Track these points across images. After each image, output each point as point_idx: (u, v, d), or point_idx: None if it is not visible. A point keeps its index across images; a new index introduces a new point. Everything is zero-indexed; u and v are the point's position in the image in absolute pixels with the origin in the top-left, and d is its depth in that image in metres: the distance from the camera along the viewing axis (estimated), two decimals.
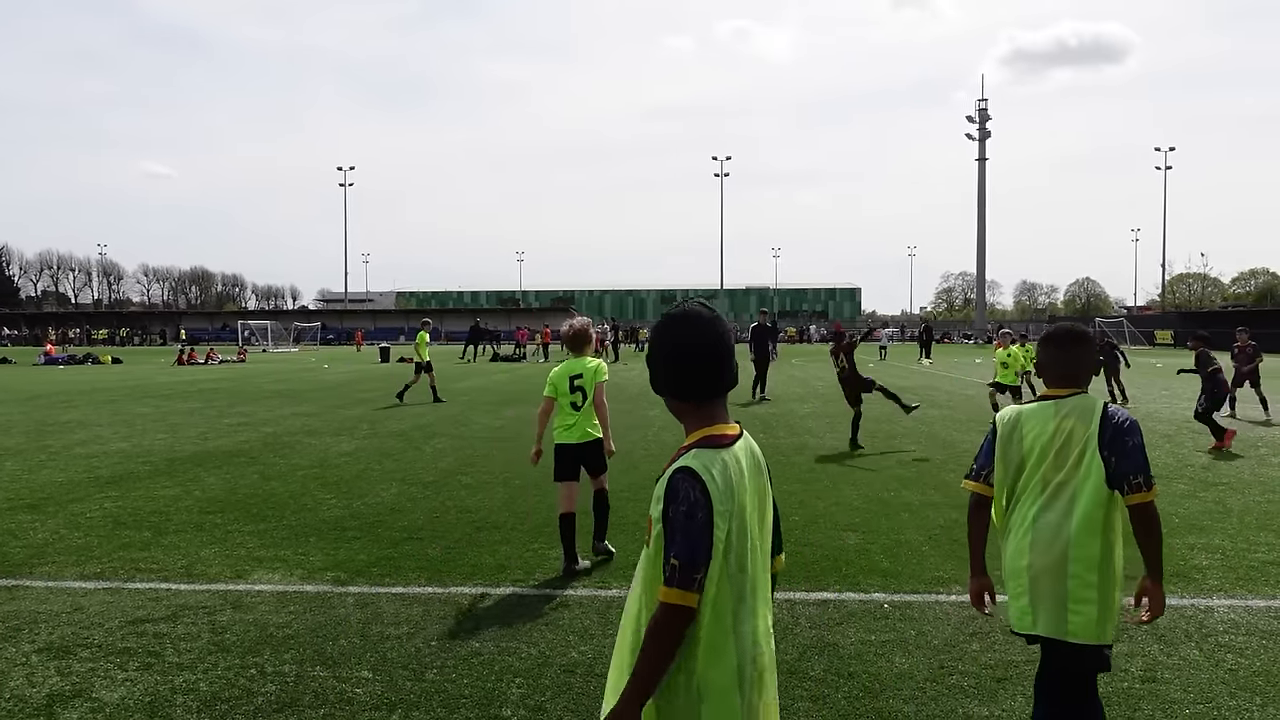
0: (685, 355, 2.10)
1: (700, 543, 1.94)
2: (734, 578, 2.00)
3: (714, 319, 2.14)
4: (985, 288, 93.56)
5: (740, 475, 2.04)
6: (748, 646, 2.01)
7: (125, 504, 8.35)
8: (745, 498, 2.03)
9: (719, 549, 1.96)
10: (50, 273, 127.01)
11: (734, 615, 1.99)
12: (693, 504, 1.94)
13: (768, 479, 2.18)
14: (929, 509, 7.99)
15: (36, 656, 4.55)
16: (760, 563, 2.09)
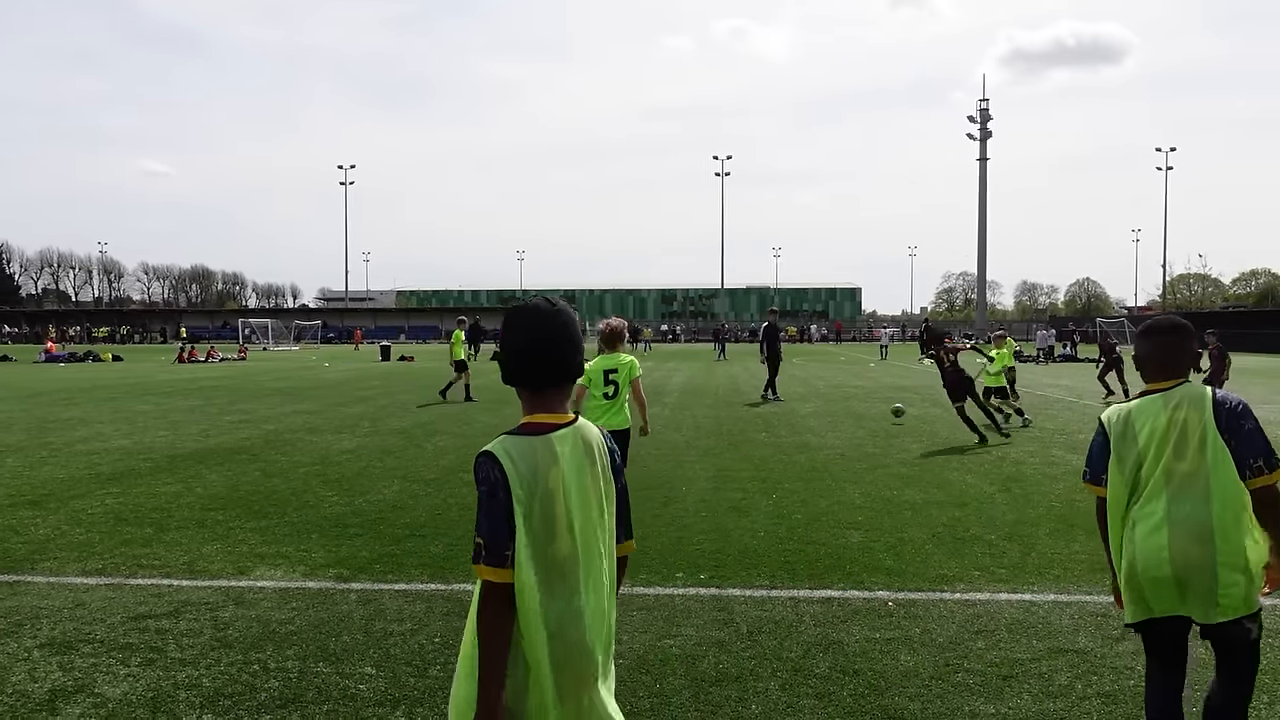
0: (519, 346, 2.23)
1: (501, 522, 2.06)
2: (539, 557, 2.09)
3: (553, 313, 2.24)
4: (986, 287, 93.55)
5: (552, 462, 2.14)
6: (560, 623, 2.09)
7: (127, 500, 8.34)
8: (557, 482, 2.13)
9: (523, 528, 2.08)
10: (51, 270, 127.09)
11: (542, 592, 2.08)
12: (493, 484, 2.08)
13: (608, 466, 2.26)
14: (932, 507, 7.98)
15: (39, 652, 4.54)
16: (587, 545, 2.16)
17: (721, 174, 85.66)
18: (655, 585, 5.66)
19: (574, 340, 2.27)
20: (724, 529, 7.15)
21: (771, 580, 5.75)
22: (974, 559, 6.25)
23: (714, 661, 4.41)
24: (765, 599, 5.38)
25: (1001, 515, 7.65)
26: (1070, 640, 4.67)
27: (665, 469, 10.05)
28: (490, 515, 2.07)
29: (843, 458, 10.89)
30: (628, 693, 4.04)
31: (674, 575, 5.87)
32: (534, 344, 2.22)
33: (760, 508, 7.96)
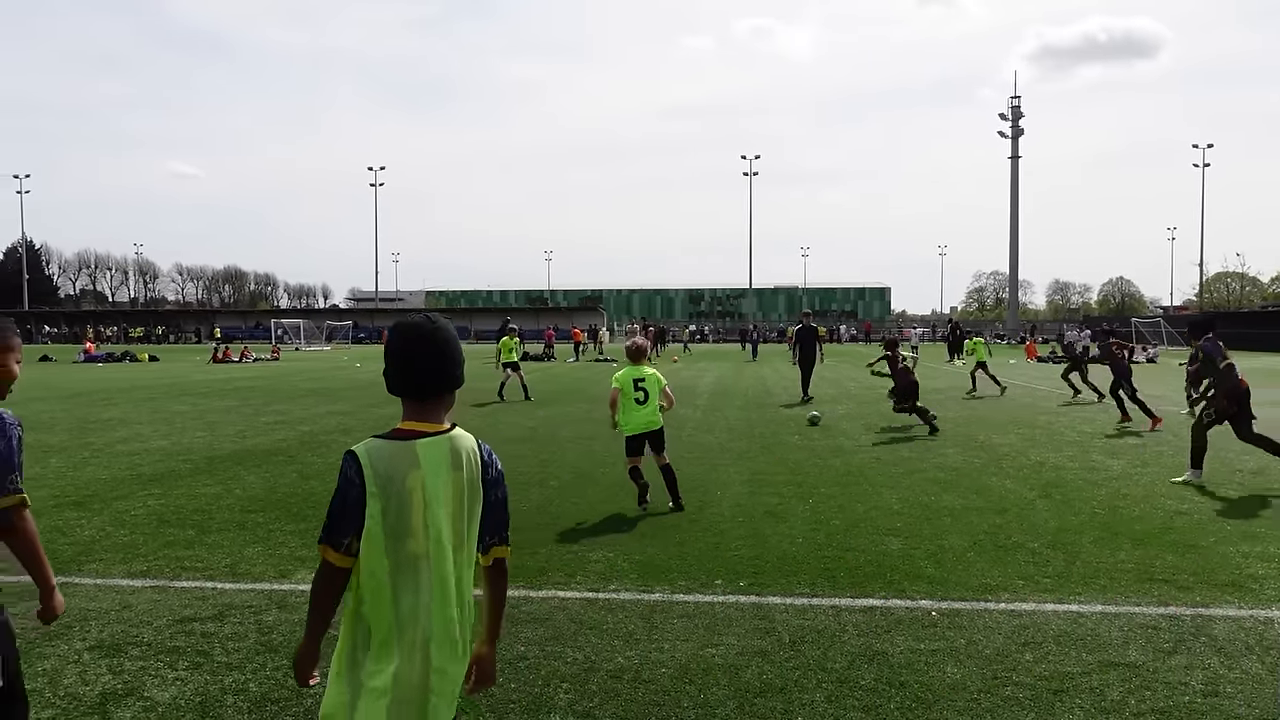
0: (391, 359, 2.41)
1: (350, 513, 2.28)
2: (392, 550, 2.29)
3: (432, 330, 2.41)
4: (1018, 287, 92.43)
5: (411, 466, 2.32)
6: (410, 614, 2.29)
7: (168, 502, 8.45)
8: (415, 484, 2.31)
9: (376, 523, 2.28)
10: (88, 272, 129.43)
11: (393, 584, 2.29)
12: (348, 480, 2.29)
13: (476, 475, 2.42)
14: (971, 513, 7.87)
15: (88, 654, 4.60)
16: (439, 545, 2.33)
17: (750, 173, 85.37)
18: (695, 592, 5.63)
19: (450, 355, 2.43)
20: (761, 535, 7.10)
21: (812, 588, 5.70)
22: (1017, 567, 6.15)
23: (758, 671, 4.37)
24: (806, 607, 5.33)
25: (1043, 522, 7.53)
26: (1120, 653, 4.58)
27: (699, 472, 10.01)
28: (339, 504, 2.29)
29: (878, 461, 10.79)
30: (671, 702, 4.02)
31: (713, 582, 5.84)
32: (412, 358, 2.39)
33: (797, 513, 7.90)
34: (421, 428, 2.39)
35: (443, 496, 2.35)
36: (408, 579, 2.30)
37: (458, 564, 2.38)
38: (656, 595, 5.57)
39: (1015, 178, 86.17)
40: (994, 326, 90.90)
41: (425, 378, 2.40)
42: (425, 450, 2.35)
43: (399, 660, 2.28)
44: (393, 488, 2.29)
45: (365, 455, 2.31)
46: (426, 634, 2.30)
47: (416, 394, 2.41)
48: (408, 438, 2.36)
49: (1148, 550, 6.59)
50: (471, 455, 2.43)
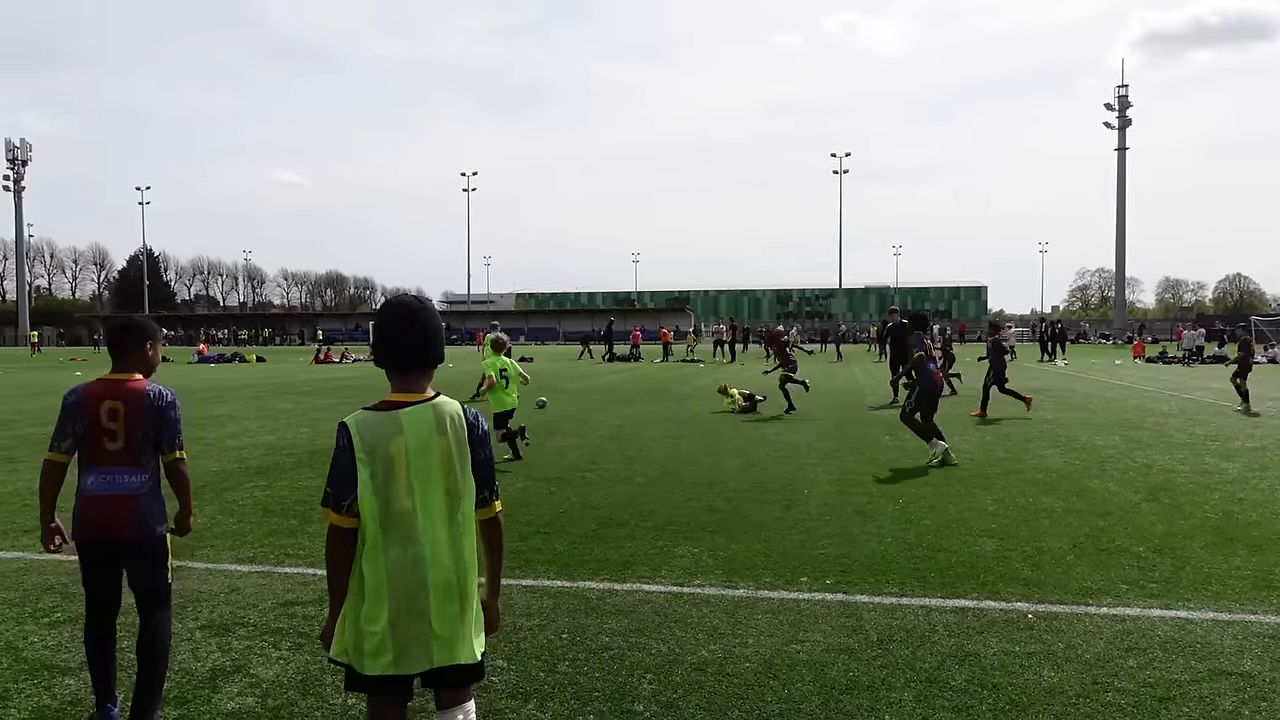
0: (379, 334, 2.64)
1: (343, 477, 2.53)
2: (382, 511, 2.53)
3: (417, 308, 2.65)
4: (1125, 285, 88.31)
5: (395, 433, 2.55)
6: (400, 566, 2.53)
7: (273, 493, 8.85)
8: (399, 450, 2.54)
9: (369, 486, 2.52)
10: (201, 277, 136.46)
11: (384, 539, 2.53)
12: (341, 448, 2.56)
13: (463, 438, 2.63)
14: (1072, 516, 7.57)
15: (200, 633, 4.86)
16: (427, 503, 2.57)
17: (840, 171, 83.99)
18: (780, 589, 5.58)
19: (431, 333, 2.65)
20: (849, 533, 6.99)
21: (901, 588, 5.58)
22: (1120, 572, 5.89)
23: (844, 669, 4.31)
24: (895, 607, 5.23)
25: (1149, 526, 7.19)
26: (1234, 662, 4.34)
27: (786, 471, 9.91)
28: (337, 471, 2.56)
29: (972, 462, 10.47)
30: (755, 696, 4.01)
31: (798, 579, 5.78)
32: (395, 333, 2.62)
33: (886, 513, 7.75)
34: (405, 398, 2.62)
35: (428, 458, 2.58)
36: (396, 535, 2.54)
37: (451, 519, 2.61)
38: (741, 591, 5.55)
39: (1122, 170, 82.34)
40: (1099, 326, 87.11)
41: (408, 352, 2.63)
42: (409, 418, 2.58)
43: (392, 607, 2.52)
44: (378, 453, 2.54)
45: (354, 425, 2.57)
46: (419, 582, 2.54)
47: (400, 367, 2.64)
48: (392, 408, 2.60)
49: (1266, 557, 6.22)
50: (456, 419, 2.64)
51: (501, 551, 2.81)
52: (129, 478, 3.69)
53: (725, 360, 39.07)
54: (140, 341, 3.89)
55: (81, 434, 3.68)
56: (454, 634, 2.59)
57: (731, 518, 7.60)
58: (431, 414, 2.61)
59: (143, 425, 3.74)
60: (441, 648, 2.58)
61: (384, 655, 2.53)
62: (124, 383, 3.78)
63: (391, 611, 2.52)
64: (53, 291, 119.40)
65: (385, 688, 2.59)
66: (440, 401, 2.65)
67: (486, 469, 2.71)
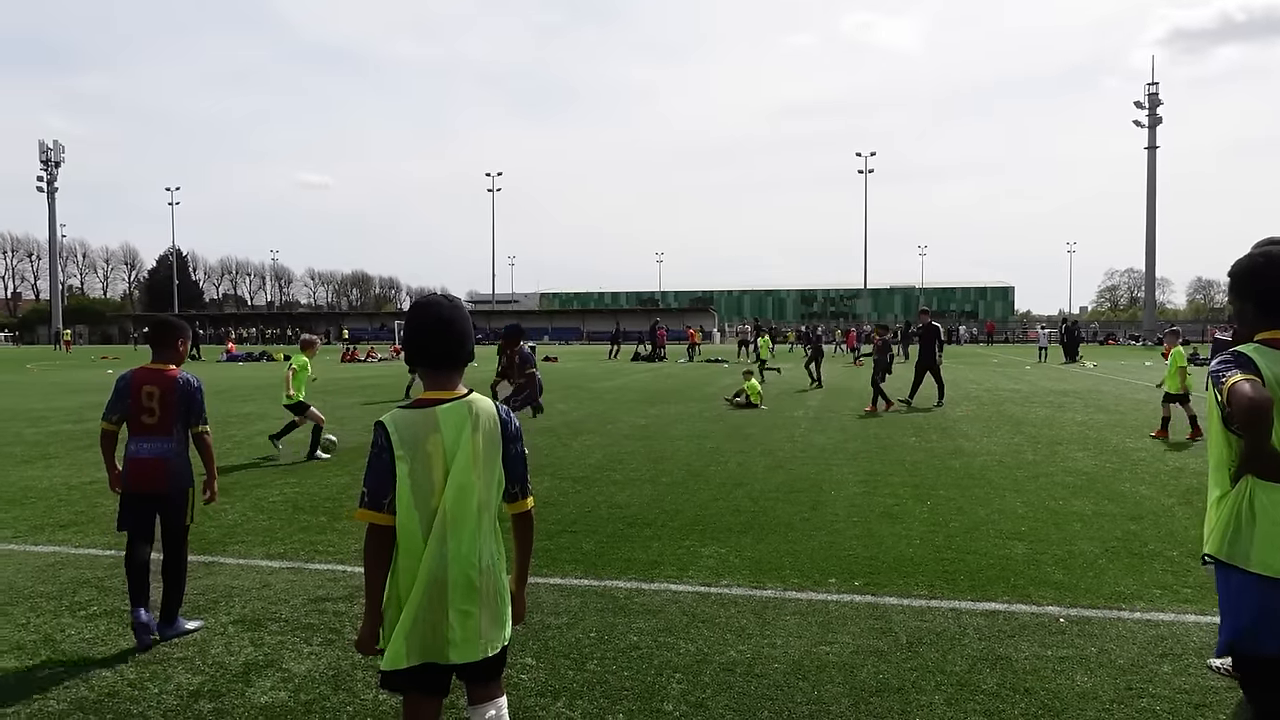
0: (410, 334, 2.67)
1: (383, 475, 2.56)
2: (419, 506, 2.56)
3: (448, 308, 2.67)
4: (1155, 285, 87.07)
5: (431, 430, 2.58)
6: (433, 561, 2.55)
7: (302, 490, 8.94)
8: (436, 447, 2.57)
9: (406, 483, 2.55)
10: (230, 277, 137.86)
11: (421, 534, 2.56)
12: (379, 447, 2.58)
13: (496, 434, 2.67)
14: (1103, 519, 7.48)
15: (233, 627, 4.92)
16: (463, 500, 2.59)
17: (865, 170, 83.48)
18: (808, 590, 5.56)
19: (461, 332, 2.67)
20: (876, 535, 6.95)
21: (930, 590, 5.54)
22: (1154, 576, 5.82)
23: (873, 671, 4.29)
24: (925, 609, 5.19)
25: (1183, 530, 7.09)
26: None
27: (812, 472, 9.87)
28: (375, 470, 2.58)
29: (1000, 464, 10.38)
30: (784, 697, 3.99)
31: (826, 581, 5.76)
32: (426, 333, 2.64)
33: (914, 514, 7.70)
34: (439, 396, 2.65)
35: (462, 455, 2.60)
36: (433, 529, 2.56)
37: (481, 516, 2.63)
38: (769, 592, 5.53)
39: (1152, 169, 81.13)
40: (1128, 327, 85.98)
41: (445, 351, 2.65)
42: (444, 415, 2.61)
43: (421, 602, 2.54)
44: (416, 450, 2.56)
45: (391, 424, 2.59)
46: (447, 578, 2.56)
47: (434, 365, 2.66)
48: (428, 405, 2.62)
49: None
50: (490, 416, 2.68)
51: (530, 546, 2.85)
52: (162, 445, 4.76)
53: (751, 360, 38.94)
54: (174, 338, 4.95)
55: (127, 410, 4.77)
56: (474, 630, 2.60)
57: (758, 518, 7.58)
58: (466, 411, 2.64)
59: (175, 405, 4.78)
60: (461, 643, 2.58)
61: (400, 648, 2.55)
62: (161, 371, 4.84)
63: (417, 605, 2.55)
64: (85, 291, 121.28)
65: (416, 683, 2.60)
66: (474, 399, 2.68)
67: (518, 465, 2.74)
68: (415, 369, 2.69)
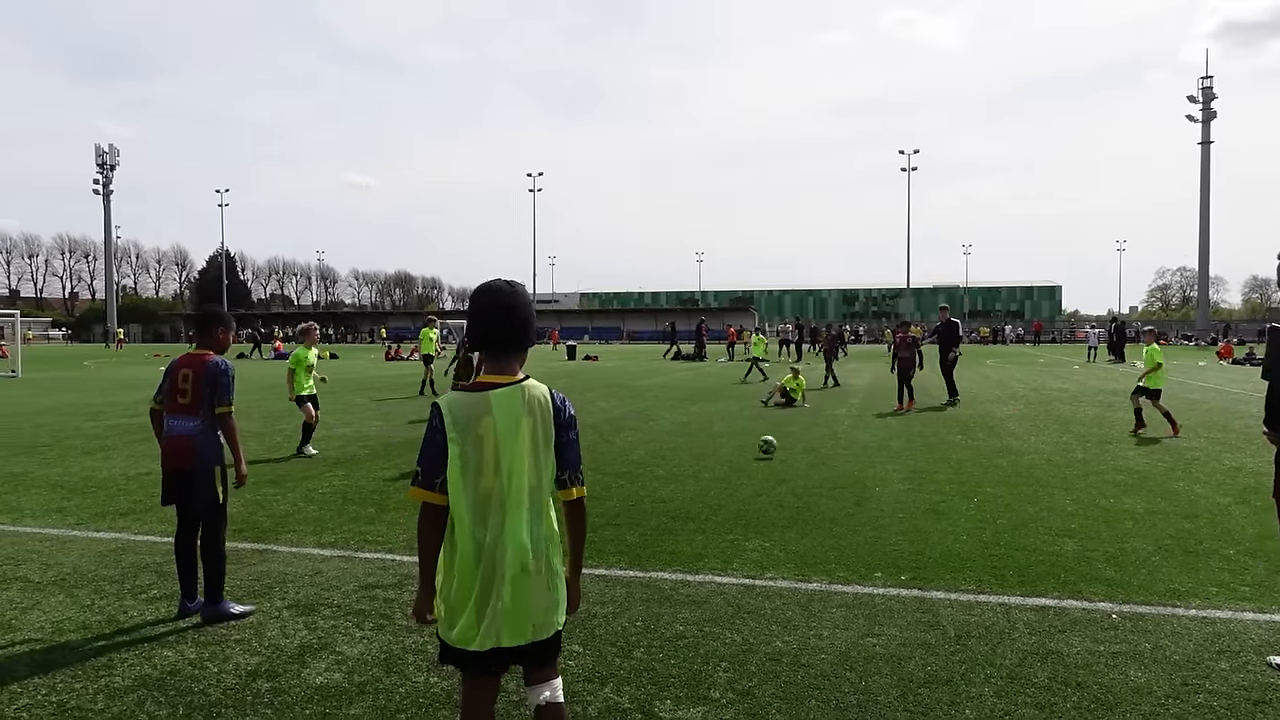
0: (474, 318, 2.69)
1: (435, 455, 2.61)
2: (470, 489, 2.60)
3: (510, 293, 2.70)
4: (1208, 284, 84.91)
5: (485, 413, 2.62)
6: (487, 541, 2.59)
7: (351, 482, 9.10)
8: (488, 430, 2.61)
9: (455, 464, 2.59)
10: (277, 277, 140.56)
11: (471, 516, 2.60)
12: (434, 429, 2.63)
13: (550, 420, 2.69)
14: (1156, 517, 7.34)
15: (287, 612, 5.04)
16: (514, 483, 2.62)
17: (908, 169, 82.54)
18: (853, 584, 5.54)
19: (523, 317, 2.71)
20: (922, 531, 6.89)
21: (978, 585, 5.49)
22: (1210, 574, 5.70)
23: (921, 663, 4.26)
24: (973, 604, 5.14)
25: (1240, 529, 6.93)
26: None
27: (855, 469, 9.81)
28: (428, 450, 2.63)
29: (1049, 463, 10.22)
30: (831, 687, 3.99)
31: (872, 574, 5.73)
32: (489, 317, 2.68)
33: (960, 511, 7.62)
34: (496, 379, 2.68)
35: (516, 438, 2.63)
36: (483, 511, 2.60)
37: (534, 499, 2.66)
38: (814, 585, 5.52)
39: (1206, 164, 79.11)
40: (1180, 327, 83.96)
41: (505, 336, 2.69)
42: (498, 399, 2.64)
43: (476, 584, 2.59)
44: (468, 432, 2.60)
45: (445, 405, 2.63)
46: (500, 560, 2.59)
47: (495, 349, 2.69)
48: (483, 389, 2.66)
49: None
50: (544, 401, 2.70)
51: (583, 534, 2.85)
52: (190, 424, 5.00)
53: (793, 360, 38.72)
54: (214, 326, 5.28)
55: (166, 390, 5.12)
56: (530, 612, 2.63)
57: (802, 513, 7.56)
58: (520, 395, 2.66)
59: (203, 386, 5.01)
60: (517, 626, 2.61)
61: (466, 631, 2.59)
62: (199, 357, 5.11)
63: (476, 588, 2.58)
64: (138, 291, 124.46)
65: (475, 662, 2.65)
66: (529, 384, 2.69)
67: (570, 452, 2.74)
68: (475, 352, 2.73)
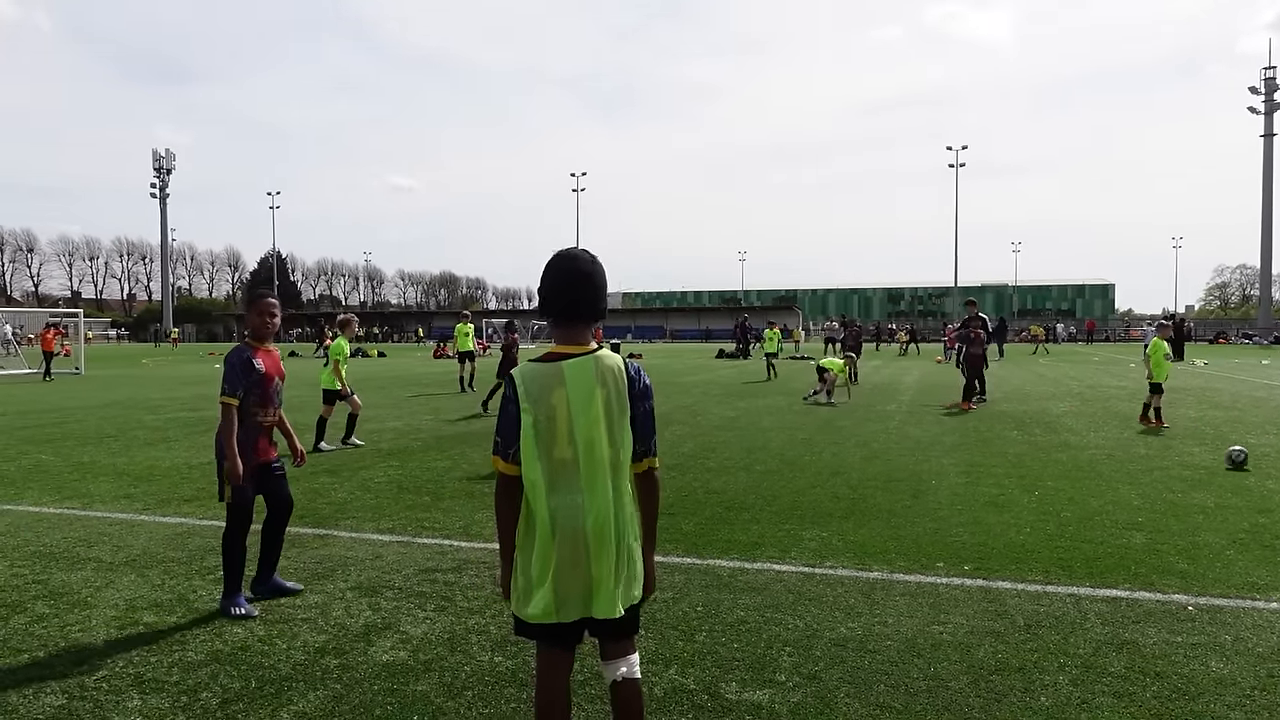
0: (547, 286, 2.66)
1: (509, 426, 2.60)
2: (545, 458, 2.57)
3: (586, 260, 2.67)
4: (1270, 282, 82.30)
5: (558, 384, 2.57)
6: (561, 514, 2.56)
7: (405, 472, 9.20)
8: (560, 400, 2.57)
9: (529, 434, 2.57)
10: (325, 278, 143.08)
11: (546, 486, 2.57)
12: (508, 399, 2.61)
13: (624, 391, 2.64)
14: (1227, 512, 7.12)
15: (350, 593, 5.10)
16: (590, 452, 2.58)
17: (956, 165, 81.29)
18: (915, 573, 5.45)
19: (597, 286, 2.66)
20: (983, 523, 6.76)
21: (1046, 576, 5.37)
22: None
23: (991, 650, 4.18)
24: (1040, 594, 5.03)
25: None
26: None
27: (910, 462, 9.66)
28: (504, 421, 2.62)
29: (1110, 458, 9.97)
30: (900, 672, 3.92)
31: (934, 564, 5.63)
32: (563, 286, 2.63)
33: (1021, 504, 7.46)
34: (568, 350, 2.63)
35: (589, 409, 2.59)
36: (558, 483, 2.57)
37: (613, 469, 2.62)
38: (875, 574, 5.44)
39: (1269, 158, 76.66)
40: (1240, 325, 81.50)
41: (574, 305, 2.64)
42: (571, 370, 2.59)
43: (555, 555, 2.56)
44: (541, 403, 2.57)
45: (519, 377, 2.60)
46: (579, 531, 2.56)
47: (565, 319, 2.65)
48: (556, 359, 2.62)
49: None
50: (618, 371, 2.65)
51: (656, 506, 2.78)
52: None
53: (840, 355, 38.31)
54: (249, 309, 5.03)
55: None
56: (611, 584, 2.58)
57: (858, 505, 7.46)
58: (594, 365, 2.61)
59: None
60: (600, 598, 2.57)
61: (545, 603, 2.55)
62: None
63: (554, 560, 2.54)
64: (192, 292, 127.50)
65: (550, 635, 2.62)
66: (603, 354, 2.64)
67: (645, 423, 2.70)
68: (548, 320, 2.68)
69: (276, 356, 5.09)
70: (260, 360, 4.89)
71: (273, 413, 4.99)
